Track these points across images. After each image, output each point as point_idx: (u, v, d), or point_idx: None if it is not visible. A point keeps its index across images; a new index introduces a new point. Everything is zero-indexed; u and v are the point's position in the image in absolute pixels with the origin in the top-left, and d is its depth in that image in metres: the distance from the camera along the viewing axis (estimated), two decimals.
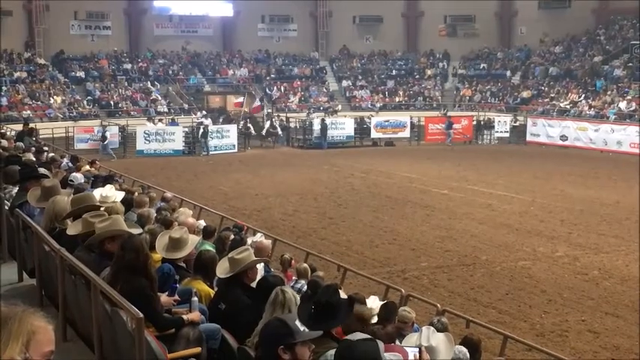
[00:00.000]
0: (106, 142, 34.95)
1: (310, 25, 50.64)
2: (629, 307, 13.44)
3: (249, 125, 39.88)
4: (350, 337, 4.54)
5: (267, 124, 40.24)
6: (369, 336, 4.60)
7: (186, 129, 37.80)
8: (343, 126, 40.70)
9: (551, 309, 13.48)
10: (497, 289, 14.67)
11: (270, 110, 42.00)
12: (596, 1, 49.91)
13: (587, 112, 40.47)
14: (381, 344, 4.11)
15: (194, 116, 40.54)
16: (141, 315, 5.11)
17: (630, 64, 43.16)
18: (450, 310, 10.37)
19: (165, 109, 41.89)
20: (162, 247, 7.25)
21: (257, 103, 42.17)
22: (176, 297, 6.27)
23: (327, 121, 39.92)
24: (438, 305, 10.08)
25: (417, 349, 4.49)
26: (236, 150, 37.63)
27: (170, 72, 45.77)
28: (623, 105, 39.11)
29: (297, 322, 4.31)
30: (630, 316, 13.01)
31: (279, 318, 4.50)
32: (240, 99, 43.87)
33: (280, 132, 40.35)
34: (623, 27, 48.45)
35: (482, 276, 15.69)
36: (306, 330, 4.32)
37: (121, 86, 43.01)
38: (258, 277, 7.00)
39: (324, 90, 47.66)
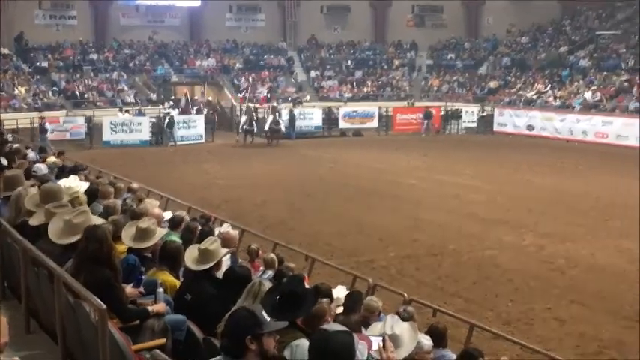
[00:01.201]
0: (45, 135, 32.81)
1: (278, 15, 50.40)
2: (594, 295, 13.60)
3: (250, 120, 37.12)
4: (326, 326, 4.53)
5: (270, 119, 36.74)
6: (343, 327, 4.60)
7: (153, 119, 37.54)
8: (311, 116, 40.68)
9: (517, 297, 13.59)
10: (465, 279, 14.76)
11: (275, 104, 39.61)
12: None
13: (553, 102, 40.79)
14: (356, 336, 4.11)
15: (161, 106, 40.22)
16: (104, 306, 5.06)
17: (595, 55, 43.59)
18: (416, 300, 10.40)
19: (132, 100, 41.51)
20: (129, 237, 7.19)
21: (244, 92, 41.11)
22: (141, 288, 6.22)
23: (295, 111, 39.83)
24: (405, 294, 10.11)
25: (381, 338, 4.49)
26: (203, 140, 37.45)
27: (137, 62, 45.32)
28: (588, 95, 39.48)
29: (264, 313, 4.29)
30: (595, 303, 13.17)
31: (246, 308, 4.48)
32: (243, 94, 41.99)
33: (283, 129, 37.43)
34: (588, 17, 48.90)
35: (450, 265, 15.78)
36: (273, 320, 4.31)
37: (86, 76, 42.53)
38: (224, 268, 6.96)
39: (293, 80, 47.51)
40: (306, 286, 5.90)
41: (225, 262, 7.34)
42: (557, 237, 17.93)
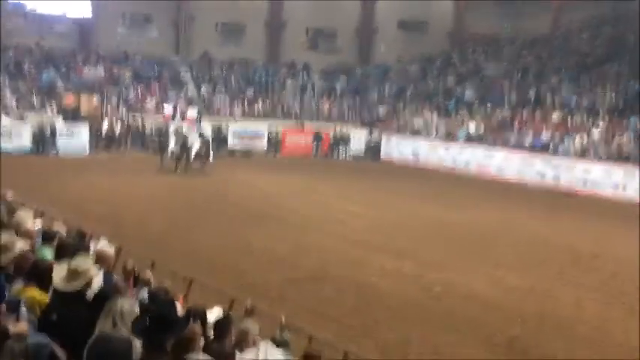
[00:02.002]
0: None
1: (171, 29, 49.81)
2: (469, 323, 13.87)
3: (162, 139, 34.62)
4: (192, 355, 4.38)
5: (196, 140, 32.79)
6: (208, 357, 4.46)
7: (35, 127, 36.32)
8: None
9: (395, 324, 13.71)
10: (345, 304, 14.79)
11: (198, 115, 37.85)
12: (453, 22, 51.96)
13: (438, 133, 41.80)
14: None
15: (45, 114, 38.91)
16: None
17: (481, 88, 45.00)
18: (293, 324, 10.31)
19: (14, 105, 39.96)
20: None
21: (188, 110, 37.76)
22: (3, 307, 5.89)
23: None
24: (282, 318, 10.01)
25: None
26: (87, 152, 36.46)
27: (21, 67, 43.70)
28: (472, 127, 40.65)
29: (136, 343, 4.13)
30: (468, 331, 13.42)
31: (119, 338, 4.29)
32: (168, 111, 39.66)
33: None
34: (475, 51, 50.51)
35: (331, 290, 15.77)
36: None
37: None
38: (96, 286, 6.69)
39: (182, 95, 46.90)
40: (179, 308, 5.73)
41: (98, 282, 7.06)
42: (435, 265, 18.24)
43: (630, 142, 33.65)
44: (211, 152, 33.01)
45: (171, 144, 32.76)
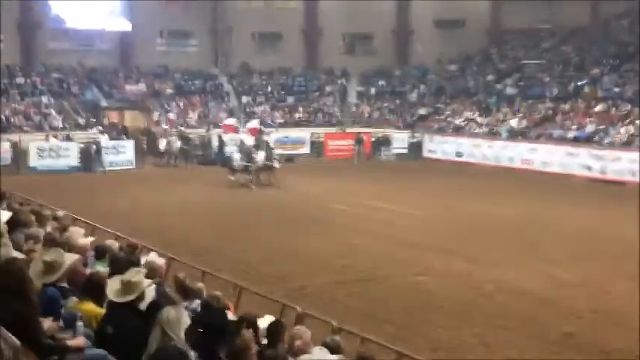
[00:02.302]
0: None
1: (209, 41, 50.32)
2: (520, 320, 13.76)
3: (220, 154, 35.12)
4: None
5: (259, 154, 31.15)
6: None
7: (82, 145, 36.92)
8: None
9: (446, 323, 13.66)
10: (395, 305, 14.78)
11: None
12: (490, 18, 51.61)
13: (481, 130, 41.54)
14: None
15: (90, 131, 39.57)
16: (18, 343, 4.86)
17: (521, 83, 44.62)
18: (344, 328, 10.35)
19: (60, 125, 40.74)
20: (35, 273, 6.93)
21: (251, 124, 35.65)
22: (60, 322, 6.03)
23: (226, 137, 39.65)
24: (334, 323, 10.06)
25: None
26: (133, 166, 36.96)
27: (65, 86, 44.52)
28: (514, 122, 40.32)
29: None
30: (520, 328, 13.31)
31: (176, 348, 4.37)
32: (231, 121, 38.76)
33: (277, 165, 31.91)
34: (514, 47, 50.11)
35: (380, 291, 15.78)
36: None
37: (13, 100, 41.57)
38: (149, 298, 6.81)
39: (224, 106, 47.35)
40: (230, 316, 5.81)
41: (150, 294, 7.18)
42: (484, 262, 18.13)
43: None
44: (277, 162, 31.50)
45: (237, 158, 31.36)
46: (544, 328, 13.36)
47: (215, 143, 39.42)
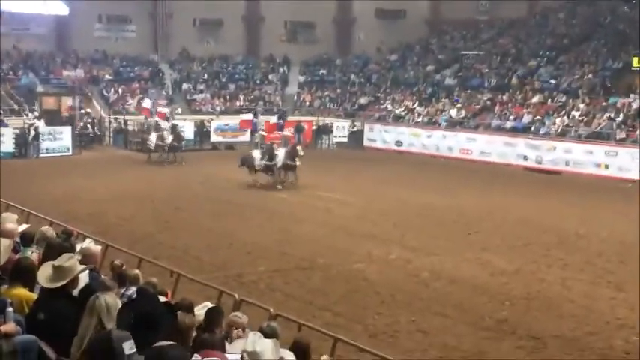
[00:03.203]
0: None
1: (149, 27, 49.69)
2: (456, 307, 13.96)
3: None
4: (158, 344, 4.40)
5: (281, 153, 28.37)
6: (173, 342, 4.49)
7: (17, 130, 36.14)
8: (183, 129, 40.09)
9: (384, 310, 13.79)
10: (333, 292, 14.86)
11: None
12: (430, 9, 52.10)
13: (420, 119, 41.88)
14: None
15: (26, 117, 38.72)
16: None
17: (460, 74, 45.14)
18: (282, 314, 10.37)
19: None
20: None
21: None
22: None
23: (164, 124, 39.18)
24: (271, 309, 10.07)
25: (239, 356, 4.42)
26: (71, 153, 36.35)
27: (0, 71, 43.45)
28: (453, 112, 40.79)
29: (127, 343, 4.15)
30: (457, 315, 13.51)
31: (119, 335, 4.30)
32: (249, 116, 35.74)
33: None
34: (453, 38, 50.65)
35: (319, 279, 15.86)
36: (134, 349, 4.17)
37: None
38: (82, 285, 6.70)
39: (164, 93, 46.80)
40: (166, 302, 5.76)
41: (84, 279, 7.07)
42: (422, 250, 18.34)
43: (609, 122, 33.85)
44: (298, 160, 28.13)
45: (257, 158, 28.42)
46: (479, 315, 13.59)
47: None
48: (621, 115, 34.15)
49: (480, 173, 32.83)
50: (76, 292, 6.37)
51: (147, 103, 39.27)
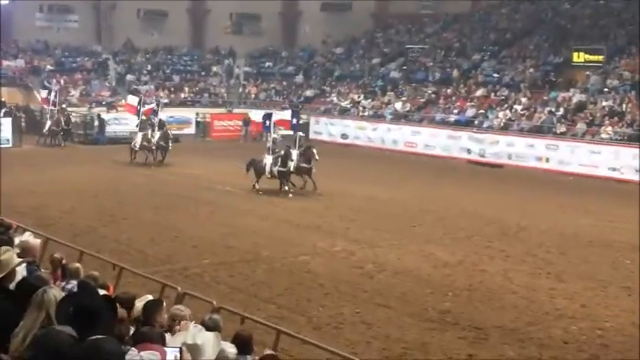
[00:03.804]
0: None
1: (92, 17, 48.95)
2: (400, 299, 14.09)
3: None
4: (93, 337, 4.35)
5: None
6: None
7: None
8: (127, 121, 39.56)
9: (328, 302, 13.84)
10: (278, 285, 14.87)
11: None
12: (376, 3, 52.25)
13: (366, 112, 42.04)
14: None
15: None
16: None
17: (405, 67, 45.45)
18: (225, 307, 10.33)
19: None
20: None
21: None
22: None
23: (109, 116, 38.83)
24: (214, 302, 10.03)
25: (178, 349, 4.39)
26: (10, 145, 35.62)
27: None
28: (398, 105, 41.06)
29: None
30: (400, 307, 13.64)
31: (68, 332, 4.24)
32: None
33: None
34: (399, 31, 50.96)
35: (264, 272, 15.85)
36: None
37: None
38: (20, 278, 6.58)
39: (107, 84, 46.17)
40: (105, 296, 5.70)
41: (21, 273, 6.94)
42: (366, 243, 18.46)
43: (550, 115, 34.45)
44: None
45: (268, 164, 25.72)
46: (423, 306, 13.74)
47: (95, 123, 38.45)
48: (562, 109, 34.79)
49: (424, 166, 33.16)
50: (12, 286, 6.26)
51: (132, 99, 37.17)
